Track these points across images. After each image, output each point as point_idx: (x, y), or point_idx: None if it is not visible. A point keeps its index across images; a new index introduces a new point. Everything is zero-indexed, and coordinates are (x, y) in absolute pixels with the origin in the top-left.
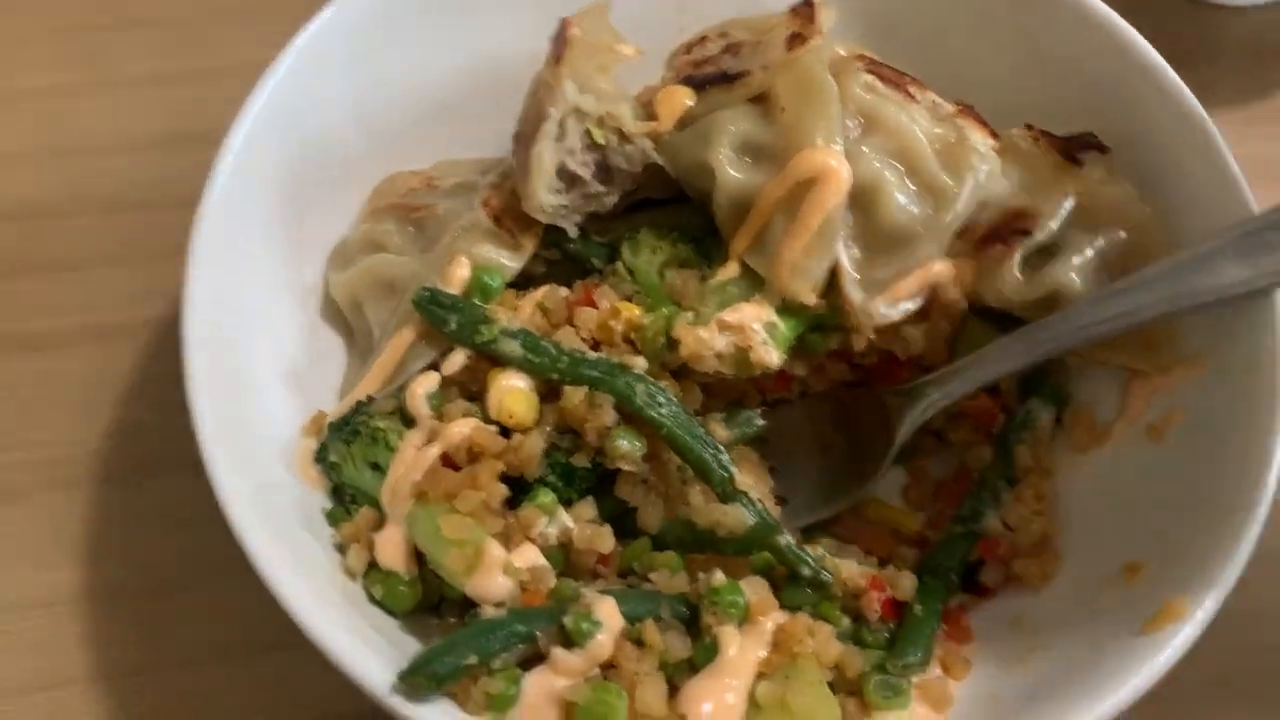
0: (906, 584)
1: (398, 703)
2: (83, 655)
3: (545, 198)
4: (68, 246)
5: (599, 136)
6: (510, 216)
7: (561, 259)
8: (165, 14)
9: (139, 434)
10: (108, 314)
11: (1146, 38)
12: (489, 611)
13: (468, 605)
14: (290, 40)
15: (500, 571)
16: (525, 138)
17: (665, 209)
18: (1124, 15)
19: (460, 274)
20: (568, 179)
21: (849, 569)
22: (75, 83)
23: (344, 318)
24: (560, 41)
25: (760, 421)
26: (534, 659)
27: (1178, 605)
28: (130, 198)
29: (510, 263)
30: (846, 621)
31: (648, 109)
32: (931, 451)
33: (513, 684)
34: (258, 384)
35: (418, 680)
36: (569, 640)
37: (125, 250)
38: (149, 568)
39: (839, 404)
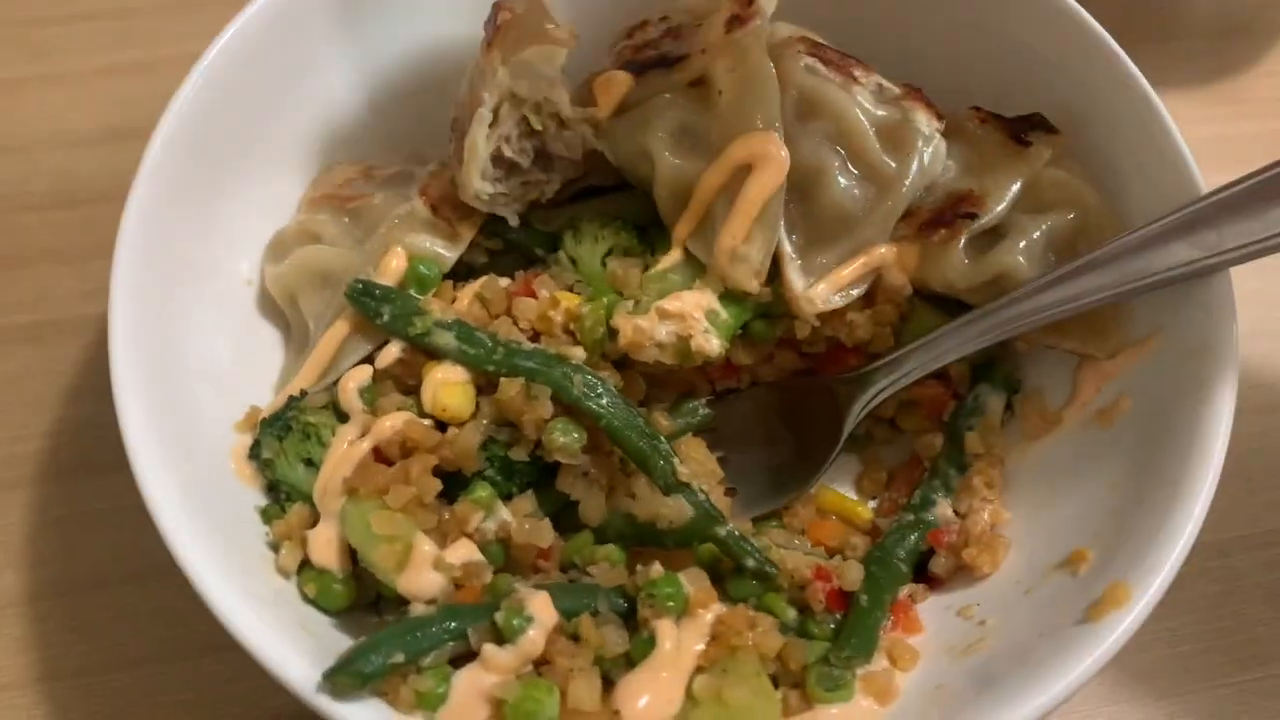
0: (853, 574)
1: (323, 702)
2: (26, 657)
3: (480, 185)
4: (10, 243)
5: (536, 122)
6: (448, 206)
7: (504, 248)
8: (108, 7)
9: (82, 431)
10: (51, 311)
11: (1112, 17)
12: (419, 609)
13: (406, 603)
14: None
15: (431, 567)
16: (460, 125)
17: (610, 197)
18: None
19: (396, 265)
20: (505, 166)
21: (795, 559)
22: (19, 78)
23: (281, 311)
24: (492, 25)
25: (705, 411)
26: (467, 656)
27: (1121, 591)
28: (75, 194)
29: (447, 252)
30: (793, 613)
31: (590, 96)
32: (885, 439)
33: (442, 682)
34: (192, 380)
35: (343, 679)
36: (501, 636)
37: (70, 247)
38: (90, 567)
39: (788, 393)
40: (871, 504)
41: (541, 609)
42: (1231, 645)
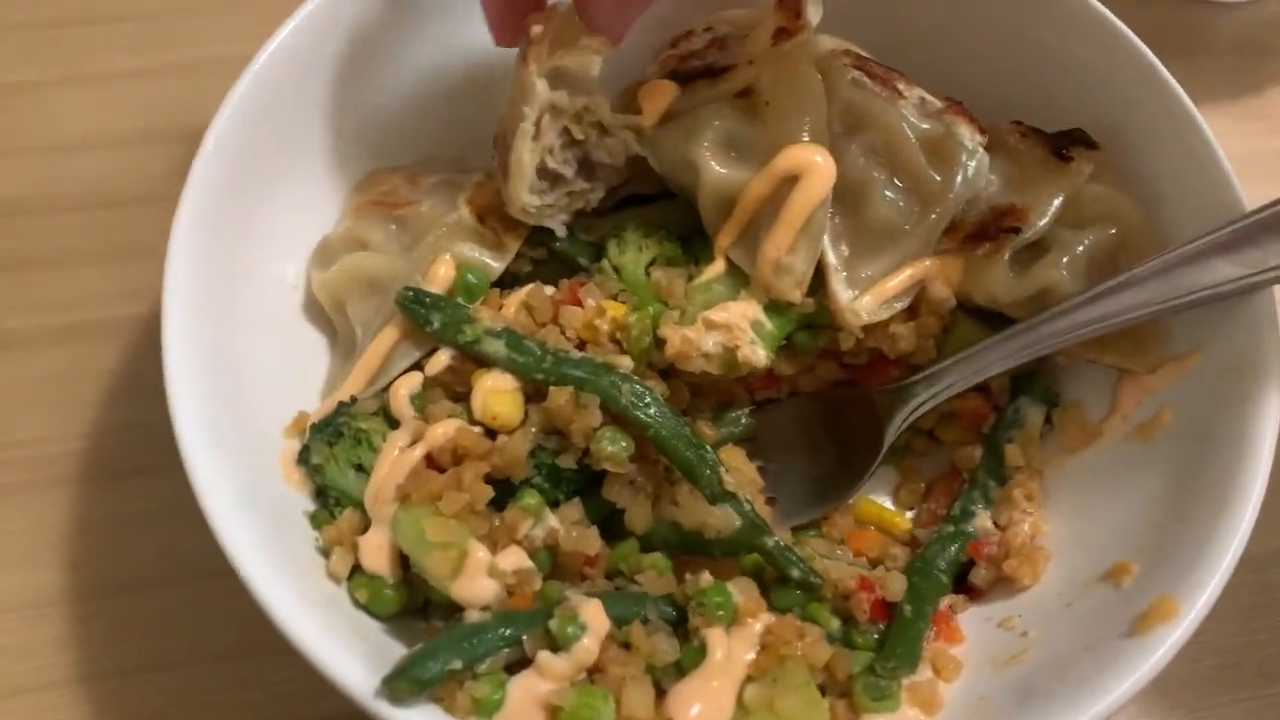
0: (896, 585)
1: (381, 707)
2: (65, 658)
3: (528, 199)
4: (46, 244)
5: (578, 132)
6: (494, 215)
7: (548, 257)
8: (138, 9)
9: (120, 433)
10: (87, 312)
11: (1140, 33)
12: (474, 615)
13: (455, 609)
14: (272, 34)
15: (485, 574)
16: (504, 139)
17: (653, 206)
18: (1118, 11)
19: (444, 273)
20: (550, 178)
21: (838, 570)
22: (49, 79)
23: (326, 316)
24: (525, 39)
25: (747, 421)
26: (520, 663)
27: (1168, 605)
28: (108, 195)
29: (494, 262)
30: (836, 623)
31: (634, 104)
32: (922, 451)
33: (498, 688)
34: (239, 384)
35: (401, 685)
36: (555, 644)
37: (103, 248)
38: (131, 568)
39: (828, 403)
40: (909, 514)
41: (594, 617)
42: (1264, 658)
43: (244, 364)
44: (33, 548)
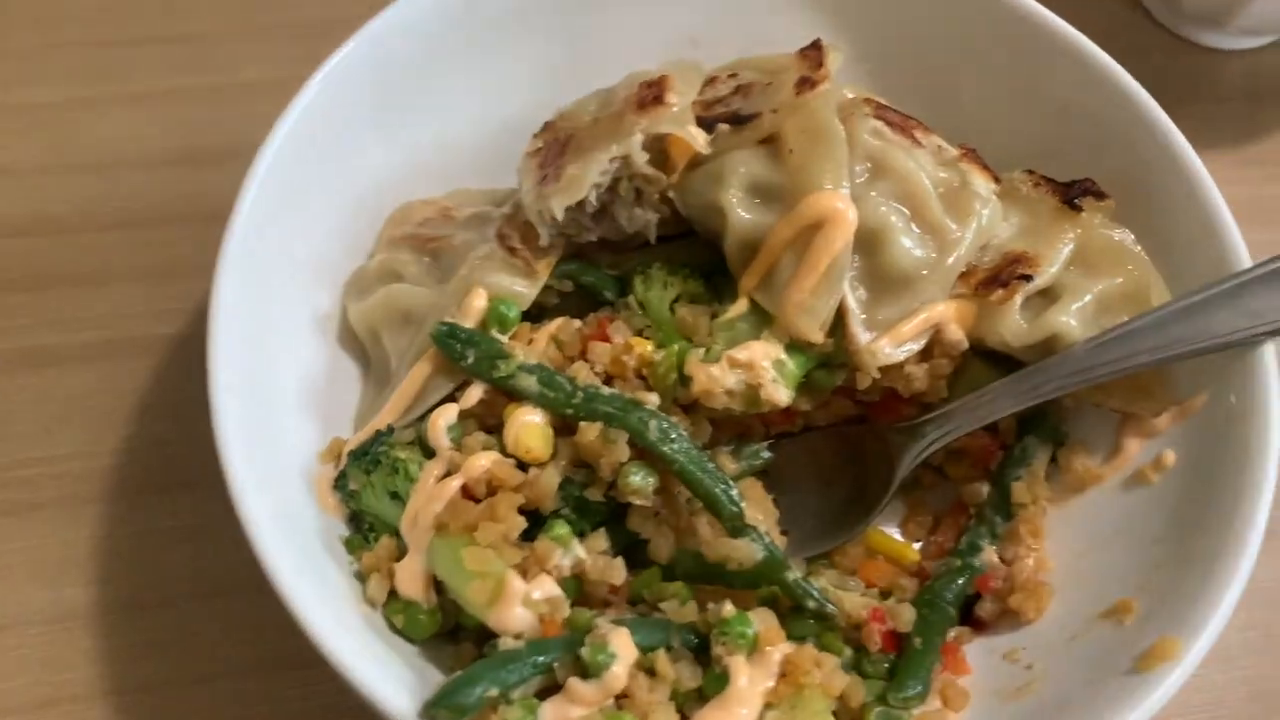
0: (906, 616)
1: None
2: (94, 670)
3: (558, 210)
4: (83, 262)
5: (624, 189)
6: (525, 246)
7: (574, 290)
8: (176, 32)
9: (151, 450)
10: (123, 329)
11: (1143, 81)
12: (508, 642)
13: (484, 633)
14: (303, 60)
15: (520, 603)
16: (572, 145)
17: (677, 243)
18: (1121, 58)
19: (478, 305)
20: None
21: (851, 601)
22: (88, 98)
23: (359, 345)
24: (651, 95)
25: (766, 454)
26: (551, 688)
27: (1170, 645)
28: (144, 214)
29: (526, 290)
30: (848, 652)
31: (660, 148)
32: (930, 485)
33: (530, 713)
34: (276, 407)
35: (441, 713)
36: (585, 671)
37: (139, 266)
38: (160, 583)
39: (842, 439)
40: (916, 546)
41: (623, 645)
42: (1261, 693)
43: (280, 388)
44: (63, 563)
